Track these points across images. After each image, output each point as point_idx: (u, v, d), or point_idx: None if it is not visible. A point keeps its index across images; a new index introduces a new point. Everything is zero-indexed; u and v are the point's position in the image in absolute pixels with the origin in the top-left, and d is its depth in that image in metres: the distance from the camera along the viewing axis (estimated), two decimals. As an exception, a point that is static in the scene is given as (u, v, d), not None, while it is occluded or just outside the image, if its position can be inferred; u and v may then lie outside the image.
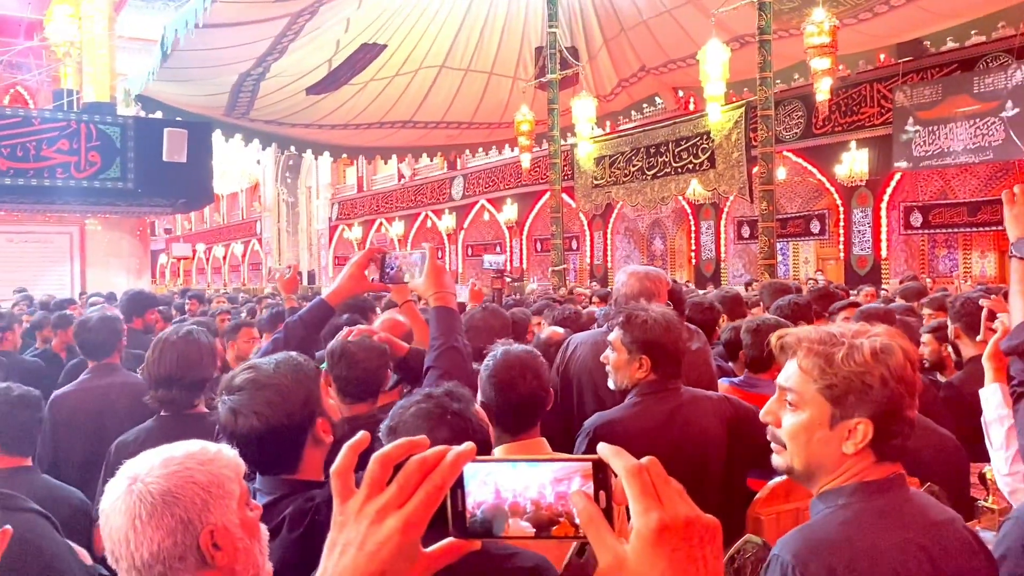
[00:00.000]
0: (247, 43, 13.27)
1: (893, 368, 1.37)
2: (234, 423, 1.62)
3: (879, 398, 1.37)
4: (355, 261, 2.15)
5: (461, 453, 0.71)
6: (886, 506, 1.37)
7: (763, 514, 2.44)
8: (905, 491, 1.42)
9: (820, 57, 9.79)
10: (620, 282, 3.15)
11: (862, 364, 1.37)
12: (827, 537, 1.35)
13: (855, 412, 1.38)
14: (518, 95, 16.08)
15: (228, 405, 1.64)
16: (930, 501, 1.47)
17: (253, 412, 1.61)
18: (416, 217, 27.24)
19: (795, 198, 17.29)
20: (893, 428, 1.39)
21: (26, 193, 14.02)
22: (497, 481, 0.72)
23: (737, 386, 3.47)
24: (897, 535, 1.34)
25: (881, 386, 1.37)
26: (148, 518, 1.11)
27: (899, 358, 1.38)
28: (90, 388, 3.46)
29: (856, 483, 1.38)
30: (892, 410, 1.37)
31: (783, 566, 1.33)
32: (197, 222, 41.26)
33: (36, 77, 20.31)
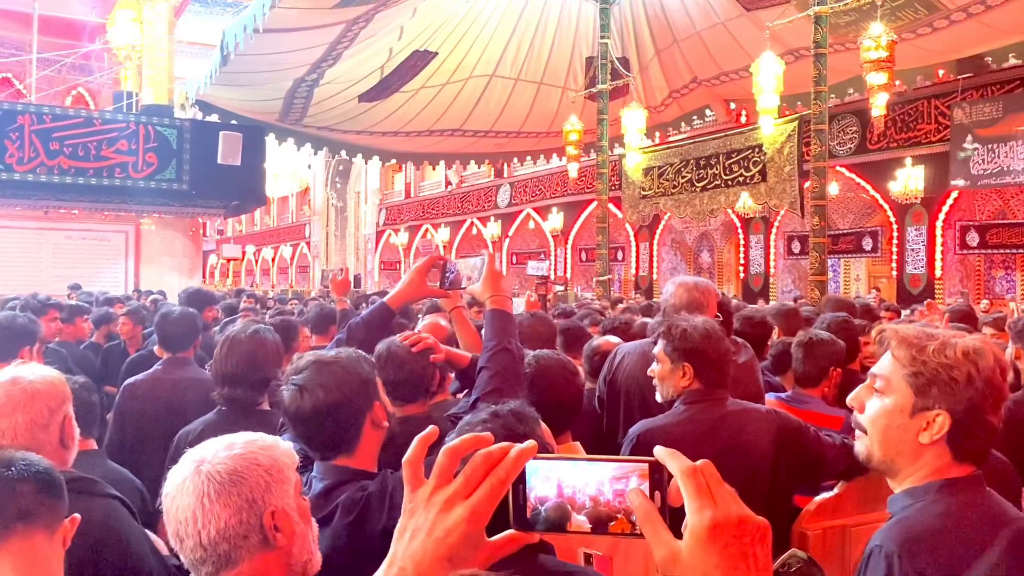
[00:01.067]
0: (303, 49, 13.50)
1: (982, 369, 1.39)
2: (299, 400, 1.70)
3: (962, 395, 1.39)
4: (417, 267, 2.22)
5: (524, 450, 0.75)
6: (975, 502, 1.40)
7: (809, 529, 2.42)
8: (987, 490, 1.44)
9: (876, 72, 9.62)
10: (668, 293, 3.15)
11: (952, 359, 1.40)
12: (929, 528, 1.37)
13: (936, 404, 1.41)
14: (567, 105, 16.09)
15: (295, 384, 1.72)
16: (1006, 502, 1.48)
17: (319, 385, 1.69)
18: (462, 224, 27.40)
19: (847, 214, 17.01)
20: (972, 429, 1.40)
21: (85, 191, 14.46)
22: (559, 477, 0.76)
23: (785, 401, 3.43)
24: (992, 529, 1.36)
25: (966, 383, 1.39)
26: (216, 496, 1.15)
27: (989, 361, 1.40)
28: (162, 379, 3.59)
29: (943, 480, 1.40)
30: (973, 409, 1.39)
31: (888, 556, 1.36)
32: (248, 224, 41.99)
33: (98, 79, 20.95)
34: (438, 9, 14.27)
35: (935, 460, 1.42)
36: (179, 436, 2.84)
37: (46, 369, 1.90)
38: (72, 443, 1.85)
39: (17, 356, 3.20)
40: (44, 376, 1.84)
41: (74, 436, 1.87)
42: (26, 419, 1.75)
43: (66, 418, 1.84)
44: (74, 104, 21.29)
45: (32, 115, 14.10)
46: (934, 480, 1.41)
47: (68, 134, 14.17)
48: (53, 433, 1.81)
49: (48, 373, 1.87)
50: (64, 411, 1.84)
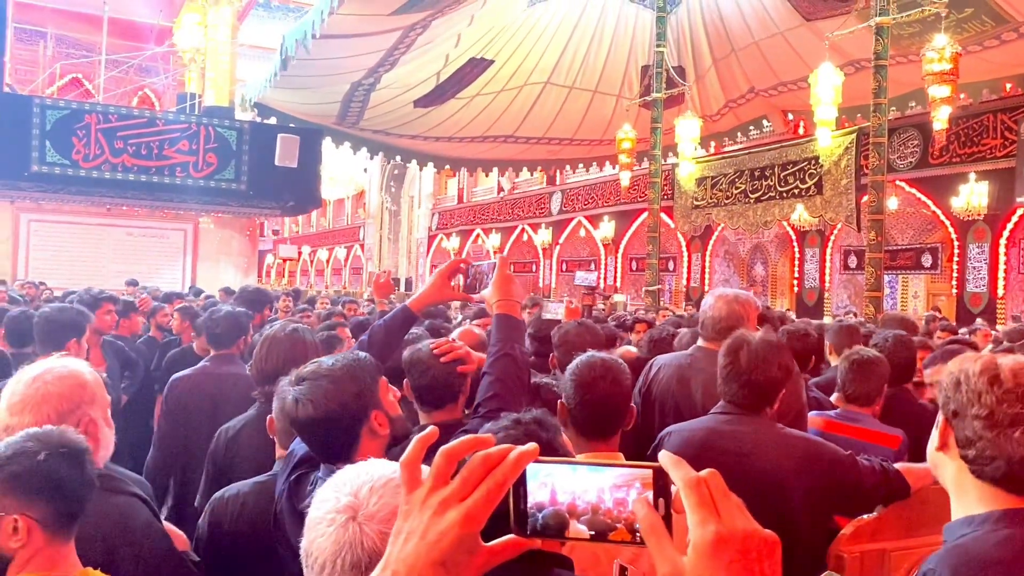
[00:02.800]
0: (361, 54, 13.69)
1: (971, 373, 1.38)
2: (295, 410, 1.75)
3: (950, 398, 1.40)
4: (440, 271, 2.23)
5: (524, 452, 0.73)
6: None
7: (846, 552, 2.35)
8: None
9: (939, 84, 9.37)
10: (707, 305, 3.10)
11: (966, 375, 1.39)
12: (986, 556, 1.34)
13: (950, 418, 1.42)
14: (621, 113, 16.01)
15: (292, 394, 1.77)
16: None
17: (310, 400, 1.73)
18: (512, 230, 27.45)
19: (907, 230, 16.59)
20: (966, 433, 1.38)
21: (146, 189, 14.88)
22: (555, 483, 0.74)
23: (834, 419, 3.34)
24: None
25: (975, 398, 1.37)
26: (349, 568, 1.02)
27: (980, 368, 1.38)
28: (207, 374, 3.68)
29: (1003, 509, 1.37)
30: (959, 412, 1.39)
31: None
32: (304, 225, 42.68)
33: (163, 81, 21.54)
34: (495, 17, 14.34)
35: (965, 478, 1.41)
36: (219, 432, 2.90)
37: (75, 367, 1.89)
38: (94, 444, 1.78)
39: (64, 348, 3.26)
40: (65, 376, 1.83)
41: (99, 437, 1.84)
42: (32, 420, 1.75)
43: (87, 420, 1.83)
44: (140, 105, 21.97)
45: (98, 114, 14.57)
46: (994, 509, 1.38)
47: (132, 133, 14.60)
48: None
49: (73, 372, 1.86)
50: (81, 413, 1.82)
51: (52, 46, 20.55)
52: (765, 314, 3.94)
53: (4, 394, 1.82)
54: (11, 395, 1.80)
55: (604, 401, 2.14)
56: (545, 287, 25.62)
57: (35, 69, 20.39)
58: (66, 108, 14.54)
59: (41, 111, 14.02)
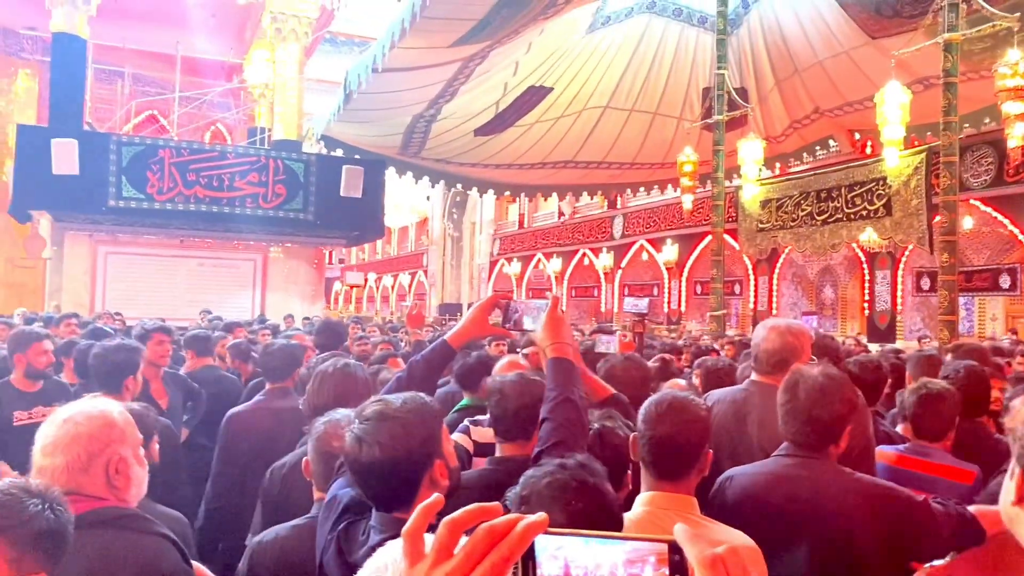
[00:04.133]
0: (421, 87, 13.91)
1: None
2: (358, 451, 1.67)
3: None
4: (480, 305, 2.20)
5: (532, 524, 0.70)
6: None
7: (917, 601, 2.25)
8: None
9: (1013, 101, 9.06)
10: (760, 337, 3.01)
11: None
12: None
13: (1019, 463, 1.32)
14: (682, 135, 15.89)
15: (355, 434, 1.70)
16: None
17: (377, 442, 1.65)
18: (574, 254, 27.39)
19: (983, 249, 16.01)
20: None
21: (218, 220, 15.34)
22: (568, 556, 0.71)
23: (905, 453, 3.22)
24: None
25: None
26: None
27: None
28: (263, 409, 3.72)
29: None
30: None
31: None
32: (370, 253, 43.42)
33: (234, 116, 22.25)
34: (553, 44, 14.43)
35: None
36: (273, 468, 2.93)
37: (104, 407, 1.91)
38: (124, 482, 1.84)
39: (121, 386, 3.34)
40: (94, 416, 1.85)
41: (129, 475, 1.87)
42: (64, 462, 1.78)
43: (117, 459, 1.84)
44: (212, 139, 22.76)
45: (172, 149, 15.12)
46: None
47: (204, 166, 15.11)
48: (96, 475, 1.81)
49: (103, 412, 1.88)
50: (110, 452, 1.84)
51: (129, 85, 21.44)
52: (828, 344, 3.82)
53: (38, 436, 1.85)
54: (44, 437, 1.83)
55: (667, 441, 2.10)
56: (607, 311, 25.46)
57: (113, 107, 21.31)
58: (141, 144, 15.11)
59: (118, 147, 14.60)
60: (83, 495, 1.78)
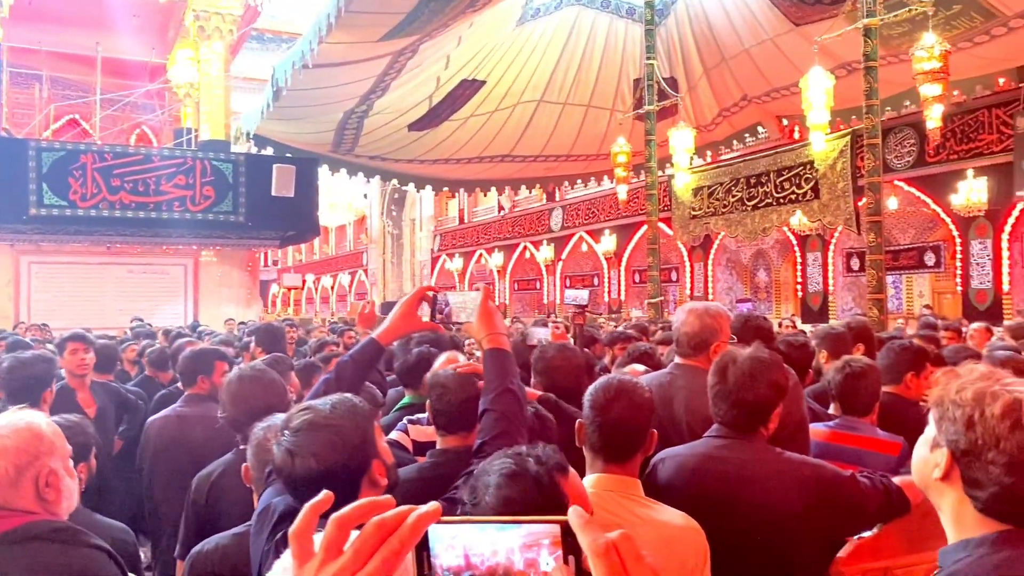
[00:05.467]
0: (352, 82, 13.73)
1: (988, 416, 1.30)
2: (291, 465, 1.59)
3: (961, 436, 1.32)
4: (406, 300, 2.15)
5: (423, 514, 0.68)
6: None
7: (847, 572, 2.28)
8: None
9: (930, 83, 9.34)
10: (680, 320, 3.04)
11: (962, 399, 1.34)
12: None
13: (943, 440, 1.36)
14: (616, 127, 16.01)
15: (285, 446, 1.62)
16: None
17: (311, 454, 1.58)
18: (515, 248, 27.48)
19: (908, 229, 16.52)
20: (977, 477, 1.31)
21: (145, 225, 14.90)
22: (465, 544, 0.69)
23: (835, 428, 3.28)
24: None
25: (965, 426, 1.32)
26: None
27: (1001, 410, 1.29)
28: (179, 416, 3.61)
29: (997, 532, 1.31)
30: (972, 454, 1.31)
31: None
32: (307, 253, 42.83)
33: (159, 117, 21.65)
34: (484, 37, 14.39)
35: (966, 509, 1.35)
36: (198, 479, 2.83)
37: (31, 419, 1.85)
38: (55, 495, 1.79)
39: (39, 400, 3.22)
40: (21, 429, 1.80)
41: (60, 488, 1.82)
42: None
43: (47, 472, 1.79)
44: (137, 142, 22.08)
45: (94, 154, 14.62)
46: (989, 532, 1.32)
47: (128, 171, 14.65)
48: (25, 489, 1.76)
49: (30, 425, 1.82)
50: (39, 465, 1.78)
51: (47, 88, 20.65)
52: (761, 325, 3.86)
53: None
54: None
55: (617, 424, 2.10)
56: (550, 303, 25.60)
57: (31, 112, 20.52)
58: (61, 149, 14.58)
59: (37, 153, 14.06)
60: (12, 510, 1.73)
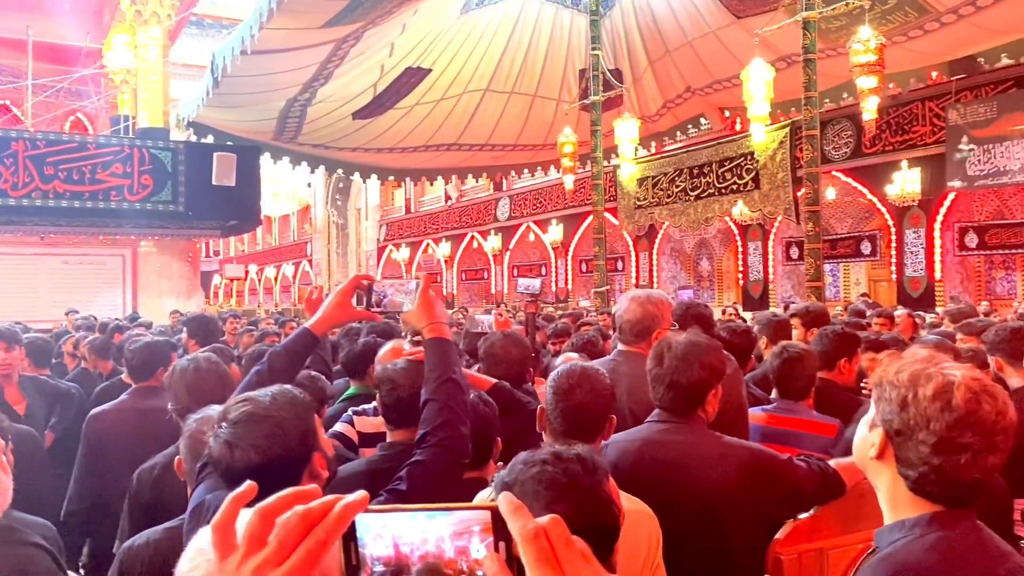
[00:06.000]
0: (294, 69, 13.52)
1: (920, 398, 1.33)
2: (230, 457, 1.56)
3: (896, 416, 1.35)
4: (340, 289, 2.11)
5: (350, 504, 0.67)
6: (966, 536, 1.34)
7: (784, 554, 2.33)
8: (979, 524, 1.38)
9: (866, 75, 9.58)
10: (622, 308, 3.07)
11: (897, 380, 1.37)
12: (917, 563, 1.31)
13: (880, 420, 1.39)
14: (562, 117, 16.08)
15: (223, 439, 1.57)
16: (997, 536, 1.41)
17: (251, 446, 1.55)
18: (462, 238, 27.40)
19: (845, 219, 16.93)
20: (909, 457, 1.34)
21: (81, 215, 14.45)
22: (394, 533, 0.69)
23: (772, 412, 3.37)
24: (981, 563, 1.31)
25: (899, 406, 1.35)
26: None
27: (932, 392, 1.32)
28: (128, 409, 3.54)
29: (932, 512, 1.35)
30: (905, 434, 1.34)
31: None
32: (250, 244, 42.09)
33: (95, 104, 21.00)
34: (428, 25, 14.29)
35: (900, 488, 1.38)
36: (141, 471, 2.77)
37: None
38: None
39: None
40: None
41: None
42: None
43: None
44: (72, 129, 21.36)
45: (26, 141, 14.10)
46: (924, 512, 1.35)
47: (62, 159, 14.17)
48: None
49: None
50: None
51: (-25, 73, 19.89)
52: (701, 312, 3.93)
53: None
54: None
55: (579, 410, 2.13)
56: (498, 293, 25.62)
57: (-42, 98, 19.73)
58: (-10, 136, 14.07)
59: (-36, 141, 13.55)
60: None
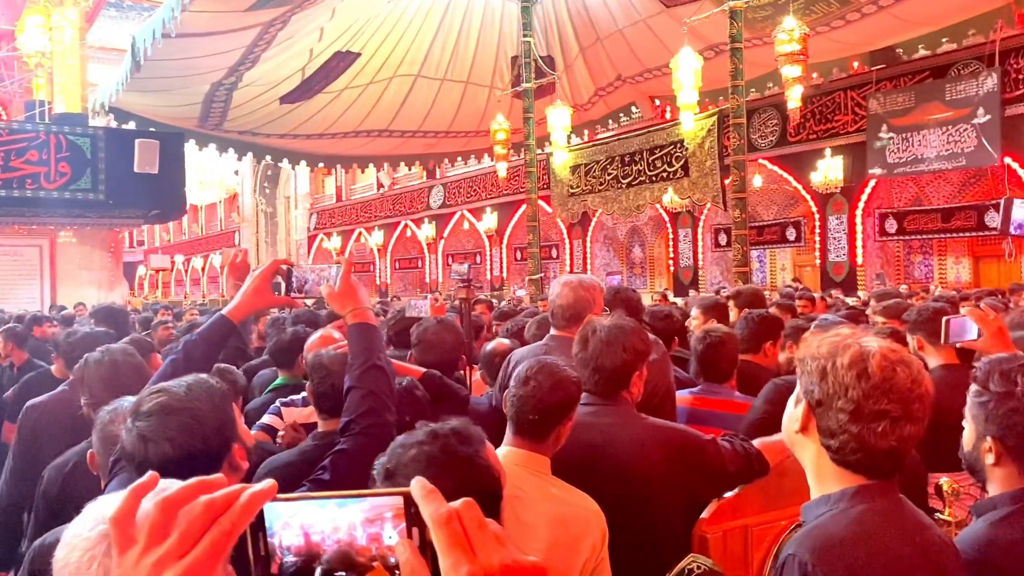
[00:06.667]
0: (218, 53, 13.15)
1: (839, 367, 1.35)
2: (144, 451, 1.48)
3: (816, 387, 1.38)
4: (258, 274, 2.04)
5: (257, 493, 0.64)
6: (887, 509, 1.37)
7: (709, 532, 2.36)
8: (900, 497, 1.41)
9: (791, 65, 9.79)
10: (555, 293, 3.09)
11: (816, 352, 1.39)
12: (842, 535, 1.34)
13: (804, 393, 1.42)
14: (495, 104, 16.04)
15: (136, 432, 1.50)
16: (915, 507, 1.45)
17: (166, 439, 1.48)
18: (395, 227, 27.16)
19: (771, 206, 17.34)
20: (831, 427, 1.36)
21: (-5, 204, 13.85)
22: (304, 522, 0.66)
23: (697, 395, 3.43)
24: (903, 535, 1.34)
25: (819, 377, 1.37)
26: None
27: (849, 360, 1.35)
28: (64, 400, 3.42)
29: (855, 486, 1.37)
30: (826, 404, 1.36)
31: (802, 565, 1.31)
32: (176, 233, 40.97)
33: (8, 88, 20.09)
34: (358, 10, 14.06)
35: (824, 461, 1.40)
36: (53, 466, 2.67)
37: None
38: None
39: None
40: None
41: None
42: None
43: None
44: (-17, 114, 20.40)
45: (-66, 126, 13.45)
46: (847, 487, 1.37)
47: (-28, 145, 13.56)
48: None
49: None
50: None
51: None
52: (628, 296, 3.97)
53: None
54: None
55: (532, 400, 2.11)
56: (432, 282, 25.49)
57: None
58: None
59: None
60: None
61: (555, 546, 1.99)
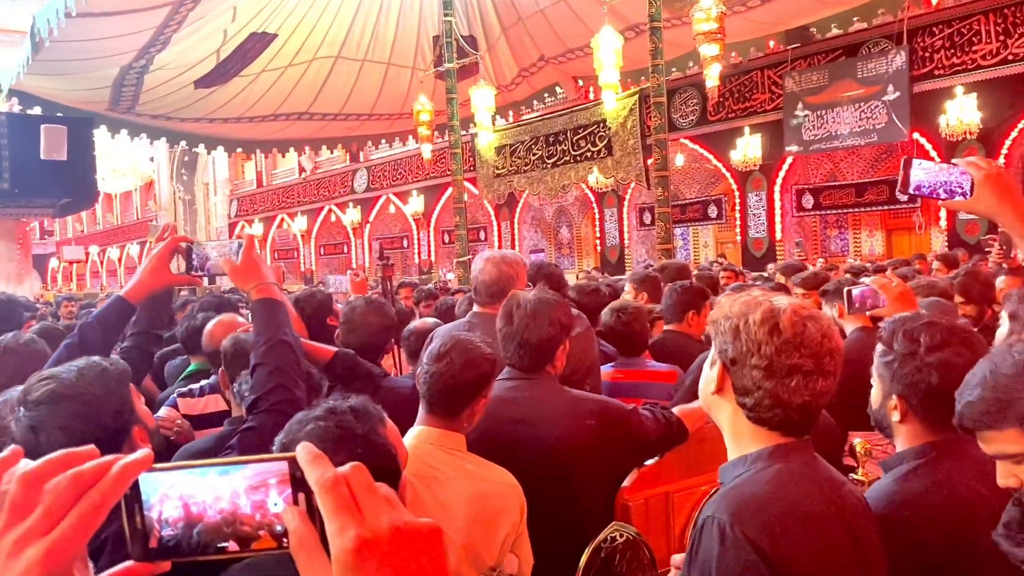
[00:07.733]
0: (126, 34, 12.62)
1: (751, 325, 1.37)
2: (35, 442, 1.40)
3: (730, 346, 1.39)
4: (156, 253, 1.97)
5: (130, 464, 0.61)
6: (803, 468, 1.39)
7: (631, 500, 2.39)
8: (815, 456, 1.44)
9: (709, 44, 9.92)
10: (477, 269, 3.07)
11: (729, 312, 1.41)
12: (759, 495, 1.35)
13: (718, 354, 1.43)
14: (418, 85, 15.83)
15: (26, 422, 1.42)
16: (829, 465, 1.48)
17: (58, 427, 1.41)
18: (319, 212, 26.72)
19: (693, 184, 17.63)
20: (746, 385, 1.38)
21: None
22: (183, 492, 0.63)
23: (618, 367, 3.52)
24: (818, 492, 1.37)
25: (732, 336, 1.39)
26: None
27: (761, 317, 1.37)
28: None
29: (771, 446, 1.38)
30: (739, 362, 1.38)
31: (720, 525, 1.32)
32: (90, 223, 39.48)
33: (-101, 72, 18.97)
34: (273, -11, 13.69)
35: (740, 420, 1.41)
36: None
37: None
38: None
39: None
40: None
41: None
42: None
43: None
44: None
45: None
46: (764, 447, 1.39)
47: None
48: None
49: None
50: None
51: None
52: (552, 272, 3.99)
53: None
54: None
55: (446, 377, 2.09)
56: (359, 266, 25.17)
57: None
58: None
59: None
60: None
61: (474, 523, 1.98)
